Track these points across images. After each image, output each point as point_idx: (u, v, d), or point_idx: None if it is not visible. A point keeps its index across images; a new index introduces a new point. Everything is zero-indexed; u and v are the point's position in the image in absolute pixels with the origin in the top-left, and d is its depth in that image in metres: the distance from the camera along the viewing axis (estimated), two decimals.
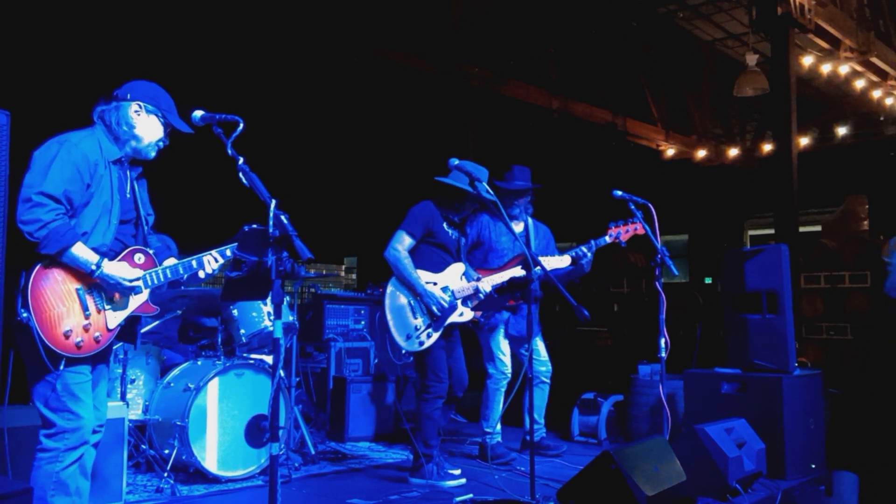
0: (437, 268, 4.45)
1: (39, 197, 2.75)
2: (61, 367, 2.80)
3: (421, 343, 4.36)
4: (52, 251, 2.75)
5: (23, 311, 2.72)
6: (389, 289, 4.44)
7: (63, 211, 2.80)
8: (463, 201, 4.48)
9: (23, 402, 3.44)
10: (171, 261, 3.10)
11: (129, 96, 2.99)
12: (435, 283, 4.41)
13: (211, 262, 3.08)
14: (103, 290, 2.89)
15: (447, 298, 4.39)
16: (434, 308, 4.36)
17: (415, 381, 6.23)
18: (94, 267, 2.82)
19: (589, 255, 4.83)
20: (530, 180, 5.12)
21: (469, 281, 4.50)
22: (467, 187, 4.29)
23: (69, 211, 2.83)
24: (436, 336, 4.38)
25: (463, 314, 4.47)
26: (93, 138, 2.95)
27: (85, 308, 2.84)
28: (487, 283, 4.49)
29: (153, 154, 3.09)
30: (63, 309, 2.79)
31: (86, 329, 2.84)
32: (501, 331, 5.17)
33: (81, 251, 2.80)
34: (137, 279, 2.93)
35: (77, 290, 2.84)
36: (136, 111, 3.00)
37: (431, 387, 4.40)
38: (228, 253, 3.09)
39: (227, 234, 3.57)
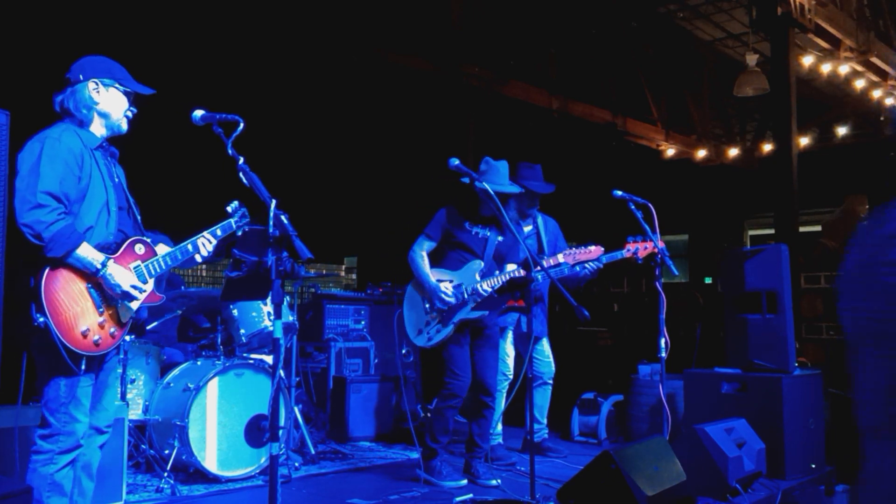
0: (455, 266, 4.47)
1: (40, 196, 2.72)
2: (83, 368, 2.80)
3: (429, 338, 4.39)
4: (59, 254, 2.73)
5: (38, 315, 2.70)
6: (409, 288, 4.55)
7: (63, 210, 2.78)
8: (478, 202, 4.46)
9: (22, 403, 3.45)
10: (163, 248, 3.10)
11: (81, 77, 2.93)
12: (450, 281, 4.42)
13: (206, 244, 3.10)
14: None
15: (450, 293, 4.39)
16: (436, 302, 4.38)
17: (415, 381, 6.23)
18: (98, 266, 2.81)
19: (600, 267, 4.85)
20: (542, 178, 5.15)
21: (485, 278, 4.44)
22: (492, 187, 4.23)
23: (68, 208, 2.81)
24: (445, 332, 4.38)
25: (477, 313, 4.42)
26: (70, 131, 2.90)
27: (98, 305, 2.84)
28: (487, 285, 4.48)
29: (126, 126, 3.06)
30: (78, 309, 2.78)
31: (101, 326, 2.83)
32: (509, 333, 5.17)
33: (86, 252, 2.79)
34: (137, 290, 2.91)
35: (88, 287, 2.83)
36: (94, 89, 2.94)
37: (448, 384, 4.43)
38: (219, 233, 3.13)
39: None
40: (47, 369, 2.80)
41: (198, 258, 3.10)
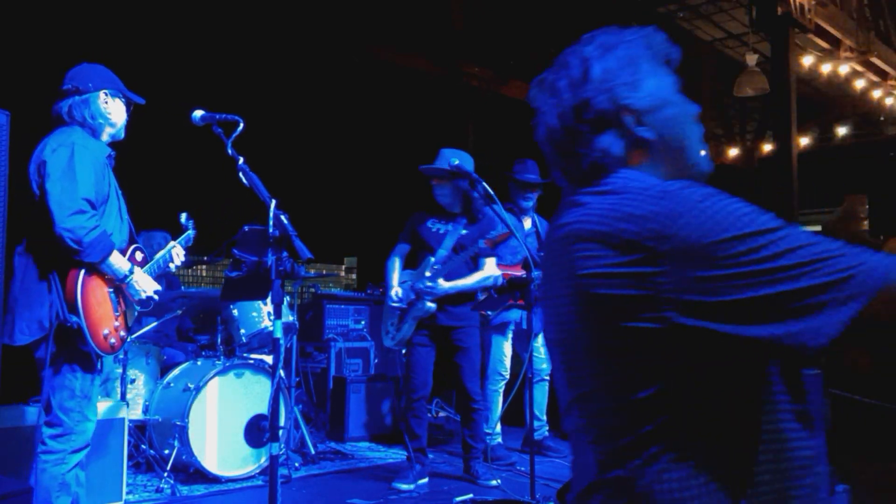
0: (418, 265, 4.48)
1: (80, 202, 2.77)
2: (98, 368, 2.90)
3: (392, 338, 4.43)
4: (96, 259, 2.80)
5: (72, 315, 2.76)
6: None
7: (98, 216, 2.85)
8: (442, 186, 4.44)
9: (22, 402, 3.45)
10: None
11: (91, 86, 2.98)
12: (407, 281, 4.43)
13: (179, 254, 3.29)
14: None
15: (397, 295, 4.42)
16: (389, 302, 4.44)
17: None
18: (126, 273, 2.92)
19: None
20: (536, 172, 5.18)
21: (431, 276, 4.35)
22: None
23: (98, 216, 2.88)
24: (403, 330, 4.38)
25: (421, 308, 4.35)
26: (88, 138, 2.95)
27: (115, 310, 2.94)
28: (430, 280, 4.32)
29: (123, 134, 3.15)
30: (101, 312, 2.87)
31: (116, 330, 2.93)
32: (509, 332, 5.16)
33: (116, 258, 2.89)
34: (156, 291, 3.06)
35: (109, 292, 2.93)
36: (104, 100, 3.00)
37: (405, 386, 4.50)
38: (183, 243, 3.37)
39: (228, 233, 3.59)
40: (65, 369, 2.84)
41: (171, 266, 3.29)
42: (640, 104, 1.27)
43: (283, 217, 2.61)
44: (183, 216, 3.55)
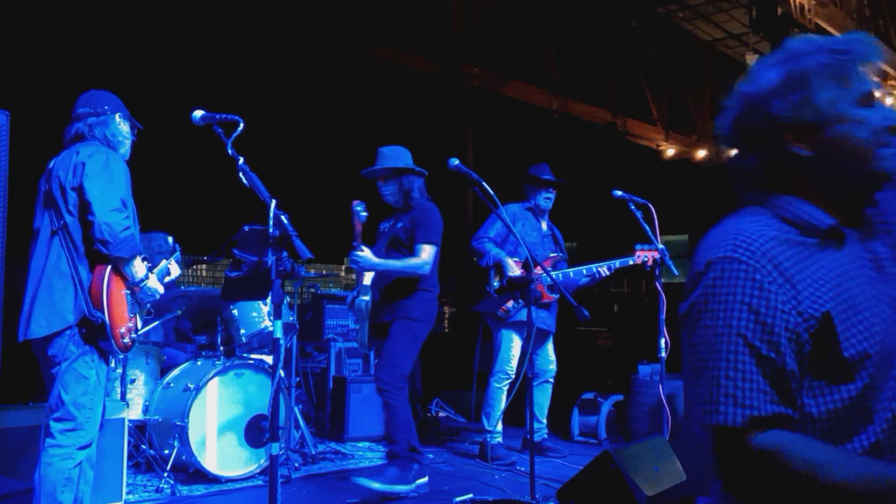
0: None
1: (119, 202, 2.92)
2: (112, 366, 3.02)
3: (356, 339, 4.42)
4: (126, 255, 2.91)
5: (96, 311, 2.87)
6: None
7: (130, 218, 2.99)
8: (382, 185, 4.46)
9: (22, 402, 3.46)
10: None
11: (108, 109, 3.15)
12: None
13: (174, 269, 3.43)
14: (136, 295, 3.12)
15: (348, 298, 4.45)
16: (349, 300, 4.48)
17: (414, 381, 6.23)
18: (143, 276, 3.04)
19: (609, 274, 4.88)
20: (549, 173, 5.26)
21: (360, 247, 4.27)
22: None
23: None
24: (361, 332, 4.35)
25: (361, 303, 4.32)
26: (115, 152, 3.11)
27: (129, 310, 3.04)
28: (368, 253, 4.22)
29: (129, 155, 3.29)
30: (119, 310, 2.97)
31: (129, 330, 3.03)
32: (524, 331, 5.16)
33: (138, 262, 3.02)
34: (160, 293, 3.18)
35: (126, 294, 3.02)
36: (118, 123, 3.17)
37: None
38: (175, 260, 3.50)
39: (227, 233, 3.60)
40: (81, 364, 2.90)
41: (167, 280, 3.43)
42: (801, 122, 1.25)
43: (283, 217, 2.61)
44: (170, 239, 3.88)
